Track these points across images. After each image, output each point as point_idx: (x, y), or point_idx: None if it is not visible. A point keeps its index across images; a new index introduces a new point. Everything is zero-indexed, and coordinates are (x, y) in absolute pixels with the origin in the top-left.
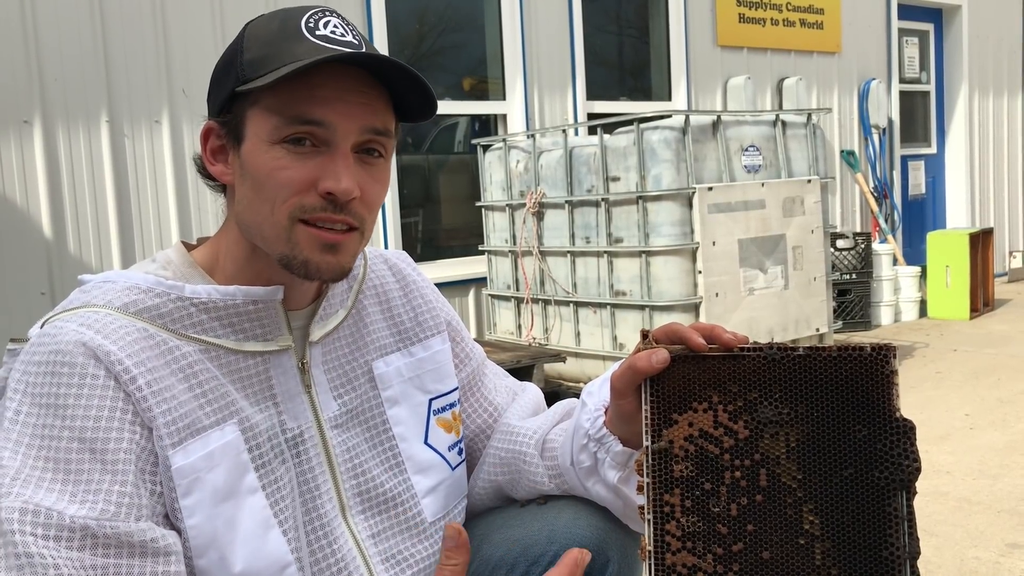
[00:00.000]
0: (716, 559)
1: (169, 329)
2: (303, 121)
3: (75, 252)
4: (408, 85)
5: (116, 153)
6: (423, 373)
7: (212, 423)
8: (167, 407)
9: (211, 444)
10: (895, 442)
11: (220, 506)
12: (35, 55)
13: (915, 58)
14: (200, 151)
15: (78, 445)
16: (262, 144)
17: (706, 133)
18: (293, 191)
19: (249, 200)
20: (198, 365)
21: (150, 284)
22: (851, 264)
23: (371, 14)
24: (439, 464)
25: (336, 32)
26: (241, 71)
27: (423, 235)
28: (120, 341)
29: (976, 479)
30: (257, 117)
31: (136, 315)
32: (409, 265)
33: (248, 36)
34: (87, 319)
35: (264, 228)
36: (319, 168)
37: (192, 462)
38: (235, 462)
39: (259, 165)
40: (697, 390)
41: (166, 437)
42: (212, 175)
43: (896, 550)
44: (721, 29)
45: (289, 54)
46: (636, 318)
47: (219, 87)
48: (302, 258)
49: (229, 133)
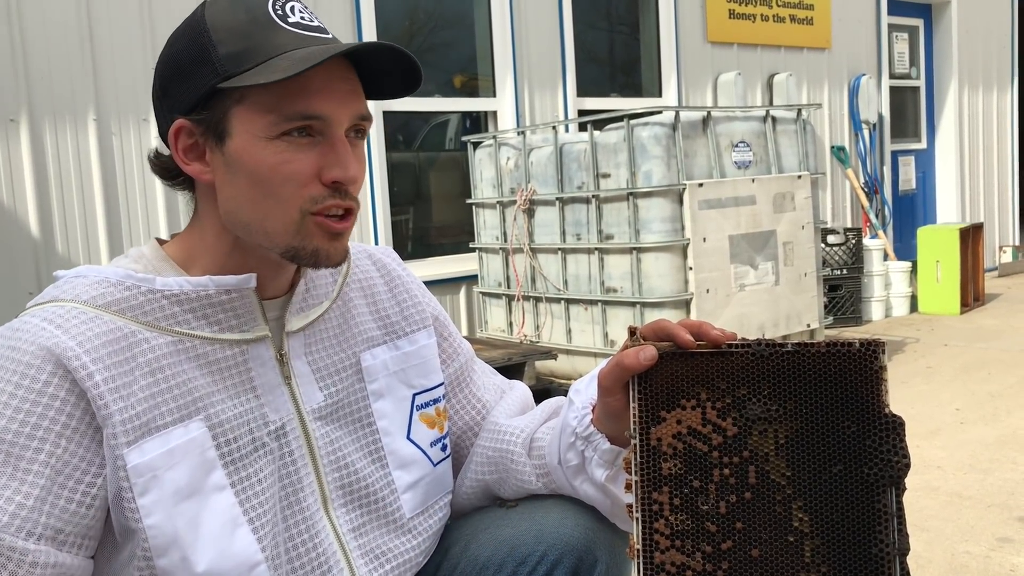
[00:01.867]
0: (705, 557)
1: (140, 322)
2: (303, 116)
3: (63, 251)
4: (385, 67)
5: (104, 151)
6: (408, 367)
7: (174, 420)
8: (124, 404)
9: (172, 441)
10: (884, 438)
11: (181, 504)
12: (21, 53)
13: (905, 53)
14: (171, 150)
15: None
16: (257, 140)
17: (696, 129)
18: (300, 183)
19: (247, 197)
20: (167, 359)
21: (120, 277)
22: (842, 260)
23: (360, 12)
24: (420, 460)
25: (304, 18)
26: (221, 66)
27: (414, 233)
28: (81, 336)
29: (967, 474)
30: (246, 114)
31: (104, 308)
32: (394, 260)
33: (215, 28)
34: (52, 314)
35: (268, 223)
36: (320, 157)
37: (148, 460)
38: (200, 460)
39: (259, 161)
40: (685, 387)
41: (121, 435)
42: (185, 173)
43: (885, 546)
44: (711, 25)
45: (272, 46)
46: (627, 315)
47: (186, 82)
48: (312, 248)
49: (208, 131)
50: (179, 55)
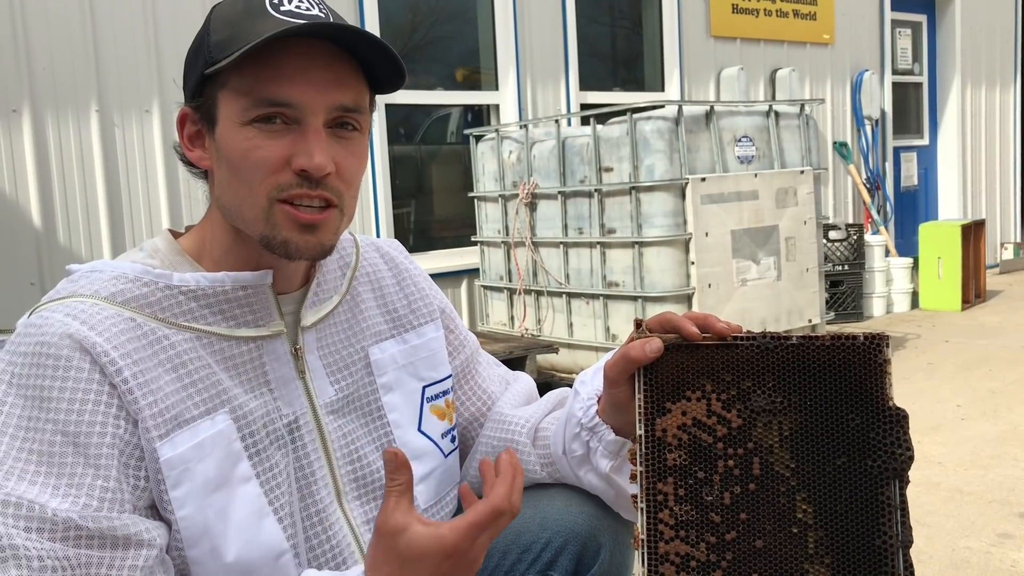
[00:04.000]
0: (709, 548)
1: (159, 318)
2: (270, 102)
3: (64, 242)
4: (375, 55)
5: (106, 143)
6: (417, 360)
7: (201, 413)
8: (153, 399)
9: (201, 434)
10: (888, 431)
11: (211, 496)
12: (23, 44)
13: (908, 49)
14: (178, 138)
15: (61, 438)
16: (233, 126)
17: (699, 124)
18: (268, 171)
19: (228, 183)
20: (189, 354)
21: (137, 273)
22: (843, 255)
23: (363, 5)
24: (432, 451)
25: (301, 7)
26: (208, 54)
27: (416, 226)
28: (107, 332)
29: (967, 469)
30: (227, 99)
31: (123, 304)
32: (401, 253)
33: (214, 18)
34: (74, 309)
35: (243, 210)
36: (291, 145)
37: (180, 453)
38: (227, 451)
39: (232, 147)
40: (690, 379)
41: (153, 429)
42: (191, 161)
43: (889, 539)
44: (714, 20)
45: (253, 32)
46: (629, 309)
47: (190, 71)
48: (281, 238)
49: (203, 118)
50: (191, 46)
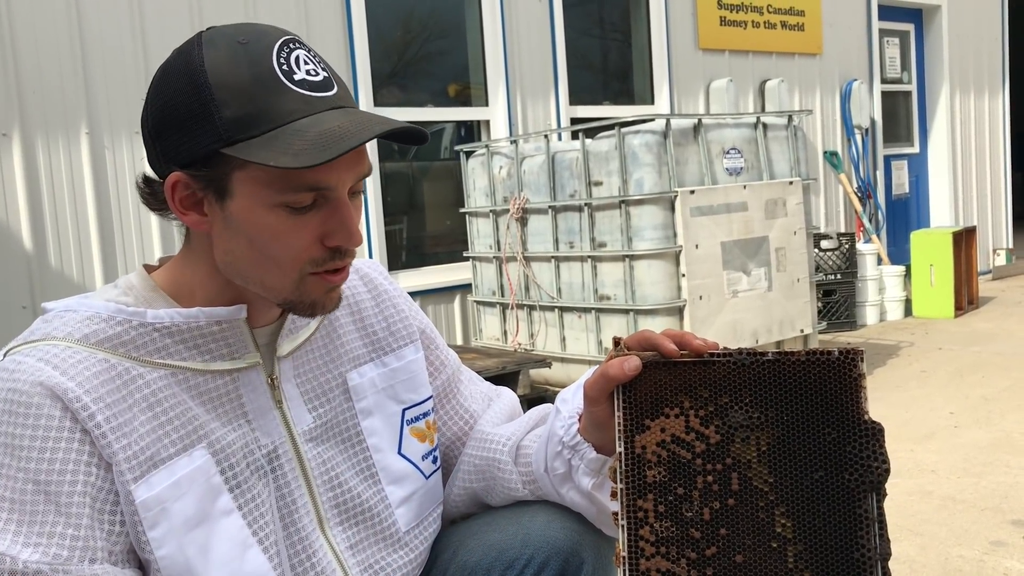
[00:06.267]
0: (690, 563)
1: (132, 357)
2: (310, 188)
3: (56, 266)
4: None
5: (96, 165)
6: (396, 383)
7: (178, 450)
8: (127, 441)
9: (177, 472)
10: (864, 444)
11: (191, 533)
12: (13, 67)
13: (896, 58)
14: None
15: (32, 487)
16: (258, 207)
17: (687, 136)
18: (301, 250)
19: (245, 255)
20: (164, 392)
21: (111, 312)
22: (836, 264)
23: (351, 22)
24: (413, 474)
25: (311, 72)
26: (224, 130)
27: (407, 242)
28: (79, 376)
29: (961, 477)
30: (250, 182)
31: (97, 346)
32: (381, 274)
33: (217, 85)
34: (46, 354)
35: (267, 280)
36: (323, 223)
37: (156, 493)
38: (206, 487)
39: (258, 227)
40: (669, 396)
41: (127, 472)
42: (183, 221)
43: (867, 551)
44: (703, 32)
45: (277, 113)
46: (621, 322)
47: (186, 135)
48: (310, 301)
49: (208, 187)
50: (177, 104)
